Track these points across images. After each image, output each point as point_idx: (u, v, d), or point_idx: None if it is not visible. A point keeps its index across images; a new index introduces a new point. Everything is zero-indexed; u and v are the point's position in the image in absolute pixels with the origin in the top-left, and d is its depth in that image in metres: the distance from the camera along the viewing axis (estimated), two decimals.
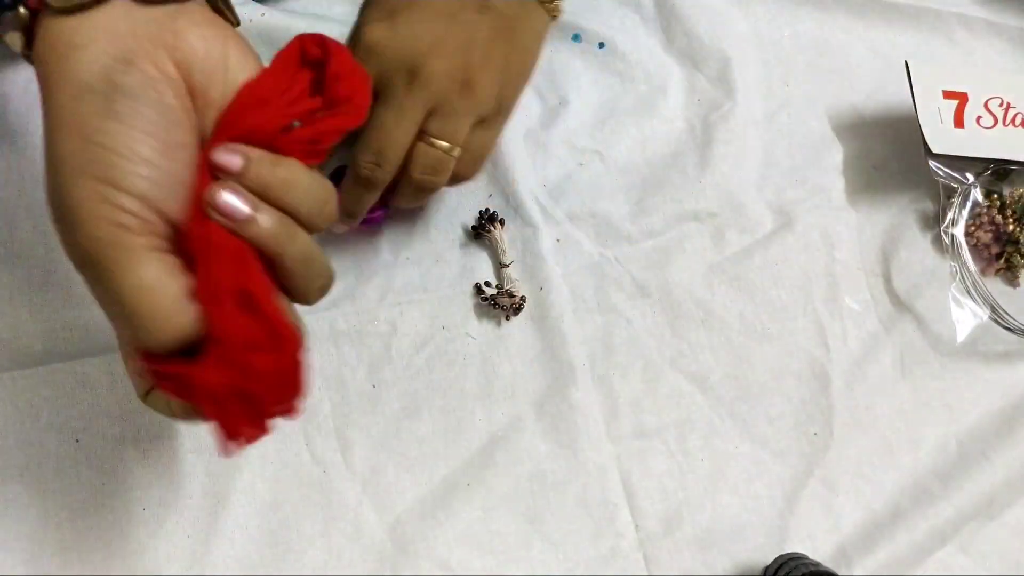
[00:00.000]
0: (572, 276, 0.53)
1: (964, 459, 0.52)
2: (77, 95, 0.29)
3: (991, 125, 0.56)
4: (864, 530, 0.50)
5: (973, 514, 0.51)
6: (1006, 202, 0.56)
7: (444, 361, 0.51)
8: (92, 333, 0.49)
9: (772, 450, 0.51)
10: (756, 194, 0.56)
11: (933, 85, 0.56)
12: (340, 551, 0.47)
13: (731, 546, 0.49)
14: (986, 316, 0.54)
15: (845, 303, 0.55)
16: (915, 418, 0.53)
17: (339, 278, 0.51)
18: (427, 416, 0.50)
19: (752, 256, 0.55)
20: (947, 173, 0.56)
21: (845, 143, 0.59)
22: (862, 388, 0.53)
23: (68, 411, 0.48)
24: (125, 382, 0.49)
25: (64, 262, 0.50)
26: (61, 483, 0.47)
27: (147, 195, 0.29)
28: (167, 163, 0.30)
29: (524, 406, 0.51)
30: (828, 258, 0.56)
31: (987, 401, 0.54)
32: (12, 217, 0.51)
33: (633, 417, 0.51)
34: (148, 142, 0.29)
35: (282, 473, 0.48)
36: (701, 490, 0.50)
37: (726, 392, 0.52)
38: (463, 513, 0.49)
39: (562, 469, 0.50)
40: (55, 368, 0.48)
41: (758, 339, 0.53)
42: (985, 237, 0.56)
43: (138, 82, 0.29)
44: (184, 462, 0.48)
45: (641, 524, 0.49)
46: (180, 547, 0.47)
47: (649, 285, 0.54)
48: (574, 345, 0.52)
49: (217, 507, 0.47)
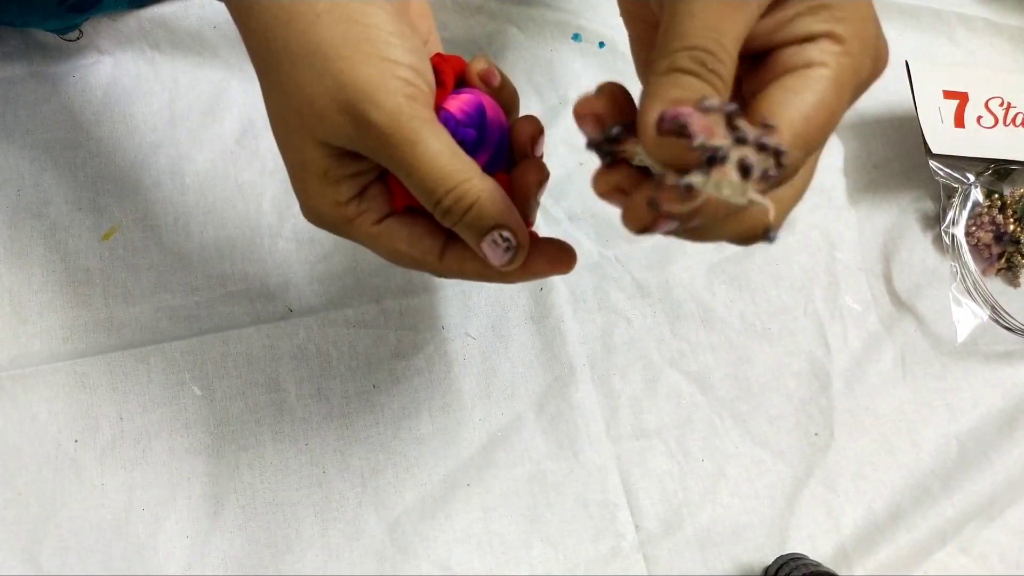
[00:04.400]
0: (572, 276, 0.53)
1: (965, 459, 0.52)
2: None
3: (992, 125, 0.56)
4: (864, 530, 0.50)
5: (974, 514, 0.51)
6: (1007, 202, 0.56)
7: (444, 361, 0.51)
8: (92, 333, 0.49)
9: (772, 450, 0.51)
10: None
11: (933, 85, 0.56)
12: (339, 551, 0.47)
13: (731, 546, 0.49)
14: (986, 316, 0.54)
15: (846, 303, 0.55)
16: (916, 418, 0.53)
17: (338, 278, 0.52)
18: (427, 416, 0.50)
19: (752, 256, 0.55)
20: (948, 173, 0.56)
21: (845, 143, 0.59)
22: (862, 388, 0.53)
23: (67, 411, 0.48)
24: (125, 382, 0.49)
25: (63, 262, 0.50)
26: (60, 483, 0.47)
27: (416, 66, 0.30)
28: (415, 40, 0.31)
29: (524, 406, 0.51)
30: (829, 258, 0.56)
31: (988, 401, 0.54)
32: (12, 217, 0.51)
33: (633, 417, 0.51)
34: (398, 19, 0.31)
35: (281, 473, 0.48)
36: (701, 490, 0.50)
37: (726, 392, 0.52)
38: (463, 513, 0.49)
39: (562, 469, 0.50)
40: (55, 368, 0.48)
41: (758, 339, 0.53)
42: (986, 237, 0.56)
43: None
44: (184, 462, 0.48)
45: (641, 524, 0.49)
46: (180, 547, 0.47)
47: (649, 285, 0.54)
48: (574, 345, 0.52)
49: (216, 508, 0.47)
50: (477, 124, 0.33)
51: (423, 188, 0.31)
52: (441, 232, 0.33)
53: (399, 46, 0.30)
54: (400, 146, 0.30)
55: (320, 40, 0.30)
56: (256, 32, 0.31)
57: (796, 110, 0.26)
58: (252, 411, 0.49)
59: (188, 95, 0.54)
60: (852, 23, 0.27)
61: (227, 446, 0.48)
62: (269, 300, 0.51)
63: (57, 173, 0.52)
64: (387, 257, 0.34)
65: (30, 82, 0.53)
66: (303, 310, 0.51)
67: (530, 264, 0.33)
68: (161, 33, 0.54)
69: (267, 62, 0.32)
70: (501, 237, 0.31)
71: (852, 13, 0.27)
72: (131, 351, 0.49)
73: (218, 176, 0.53)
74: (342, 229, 0.34)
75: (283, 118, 0.32)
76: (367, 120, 0.30)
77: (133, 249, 0.51)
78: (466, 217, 0.31)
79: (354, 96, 0.29)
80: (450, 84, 0.33)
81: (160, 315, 0.50)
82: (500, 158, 0.34)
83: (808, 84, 0.26)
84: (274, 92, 0.32)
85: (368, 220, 0.33)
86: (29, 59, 0.54)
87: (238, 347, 0.50)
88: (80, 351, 0.49)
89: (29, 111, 0.53)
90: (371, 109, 0.29)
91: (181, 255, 0.51)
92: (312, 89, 0.30)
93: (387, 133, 0.30)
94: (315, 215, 0.34)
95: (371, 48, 0.30)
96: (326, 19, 0.30)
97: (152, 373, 0.49)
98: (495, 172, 0.34)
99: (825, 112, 0.26)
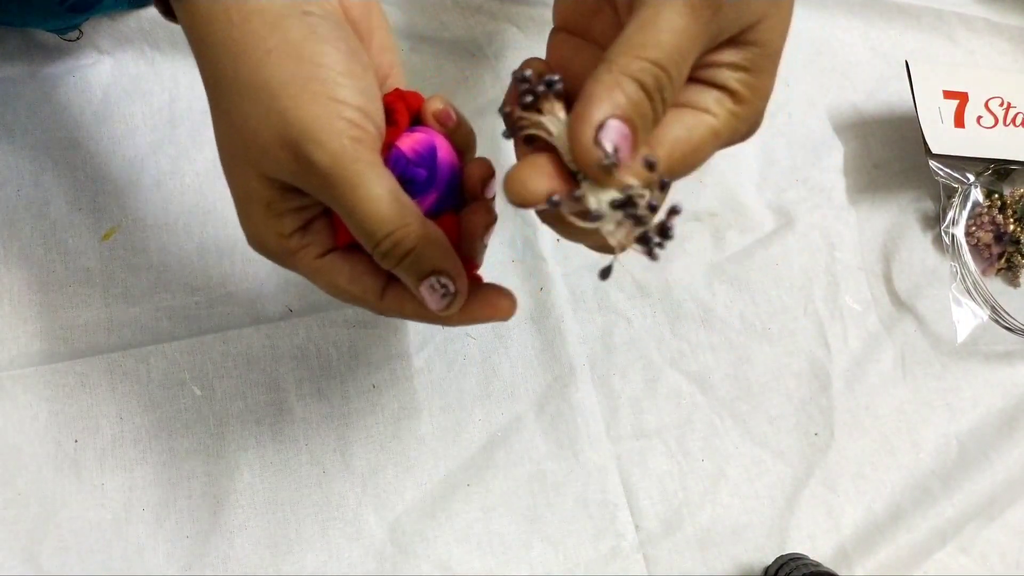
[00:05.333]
0: (572, 276, 0.53)
1: (965, 459, 0.52)
2: (275, 23, 0.30)
3: (991, 125, 0.56)
4: (864, 530, 0.50)
5: (974, 514, 0.51)
6: (1006, 202, 0.56)
7: (444, 361, 0.51)
8: (92, 333, 0.49)
9: (772, 450, 0.51)
10: (756, 194, 0.56)
11: (933, 85, 0.56)
12: (340, 551, 0.47)
13: (732, 546, 0.49)
14: (986, 316, 0.54)
15: (846, 303, 0.55)
16: (915, 418, 0.53)
17: None
18: (427, 416, 0.50)
19: (752, 256, 0.55)
20: (947, 173, 0.56)
21: (845, 142, 0.59)
22: (862, 388, 0.53)
23: (67, 411, 0.48)
24: (125, 382, 0.49)
25: (63, 262, 0.50)
26: (60, 483, 0.47)
27: (364, 108, 0.30)
28: (367, 80, 0.31)
29: (524, 406, 0.51)
30: (829, 258, 0.55)
31: (987, 401, 0.54)
32: (12, 217, 0.51)
33: (633, 417, 0.51)
34: (350, 59, 0.31)
35: (281, 473, 0.48)
36: (701, 490, 0.50)
37: (726, 392, 0.52)
38: (463, 513, 0.49)
39: (562, 469, 0.50)
40: (55, 368, 0.48)
41: (758, 339, 0.53)
42: (986, 237, 0.56)
43: (323, 8, 0.31)
44: (184, 462, 0.48)
45: (641, 524, 0.49)
46: (180, 547, 0.47)
47: (649, 285, 0.54)
48: (574, 345, 0.52)
49: (217, 507, 0.47)
50: (428, 164, 0.33)
51: (362, 230, 0.31)
52: (382, 272, 0.34)
53: (348, 86, 0.30)
54: (341, 187, 0.30)
55: (269, 77, 0.30)
56: (208, 61, 0.31)
57: (678, 145, 0.28)
58: (252, 411, 0.49)
59: (188, 95, 0.54)
60: (756, 92, 0.29)
61: (227, 446, 0.48)
62: (269, 300, 0.51)
63: (57, 173, 0.52)
64: (328, 291, 0.34)
65: (30, 82, 0.53)
66: (303, 310, 0.51)
67: (469, 309, 0.33)
68: (161, 33, 0.54)
69: (217, 91, 0.32)
70: (439, 283, 0.32)
71: (761, 85, 0.29)
72: (131, 351, 0.49)
73: (218, 176, 0.52)
74: (285, 261, 0.34)
75: (230, 148, 0.32)
76: (309, 160, 0.29)
77: (133, 249, 0.51)
78: (404, 262, 0.31)
79: (298, 135, 0.29)
80: (404, 123, 0.33)
81: (160, 315, 0.50)
82: (451, 198, 0.34)
83: (696, 126, 0.28)
84: (222, 121, 0.32)
85: (311, 254, 0.33)
86: (29, 59, 0.54)
87: (238, 347, 0.50)
88: (80, 351, 0.49)
89: (29, 111, 0.53)
90: (314, 149, 0.29)
91: (181, 255, 0.51)
92: (258, 123, 0.30)
93: (329, 174, 0.30)
94: (259, 245, 0.34)
95: (319, 87, 0.30)
96: (275, 56, 0.30)
97: (152, 373, 0.49)
98: (444, 211, 0.34)
99: (700, 155, 0.28)
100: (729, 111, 0.28)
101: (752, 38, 0.28)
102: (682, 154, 0.28)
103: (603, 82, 0.26)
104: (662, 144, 0.27)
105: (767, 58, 0.29)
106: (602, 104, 0.25)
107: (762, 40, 0.28)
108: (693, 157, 0.28)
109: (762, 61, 0.29)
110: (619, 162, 0.25)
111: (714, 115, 0.28)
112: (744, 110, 0.29)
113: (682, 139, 0.28)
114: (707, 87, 0.28)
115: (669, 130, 0.28)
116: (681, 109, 0.28)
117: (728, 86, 0.28)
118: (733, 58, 0.28)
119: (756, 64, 0.29)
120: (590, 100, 0.25)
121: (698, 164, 0.29)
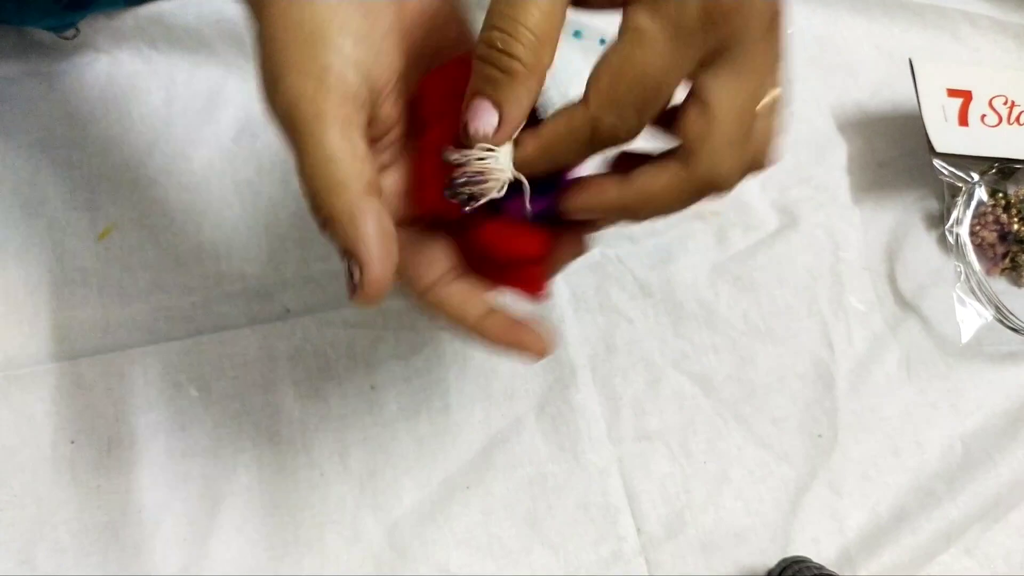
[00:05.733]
0: (573, 276, 0.53)
1: (969, 461, 0.52)
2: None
3: (996, 123, 0.56)
4: (869, 533, 0.50)
5: (978, 516, 0.51)
6: (1011, 201, 0.56)
7: (443, 362, 0.51)
8: (89, 333, 0.49)
9: (776, 452, 0.51)
10: (760, 193, 0.56)
11: (937, 83, 0.56)
12: (338, 555, 0.47)
13: (734, 549, 0.49)
14: (991, 316, 0.53)
15: (850, 303, 0.54)
16: (920, 419, 0.53)
17: (335, 278, 0.51)
18: (426, 418, 0.50)
19: (756, 255, 0.55)
20: (951, 172, 0.55)
21: (849, 141, 0.59)
22: (867, 389, 0.53)
23: (64, 412, 0.48)
24: (121, 383, 0.49)
25: (59, 261, 0.50)
26: (57, 484, 0.47)
27: (360, 61, 0.29)
28: (373, 34, 0.29)
29: (524, 408, 0.50)
30: (833, 257, 0.55)
31: (992, 402, 0.53)
32: (8, 216, 0.50)
33: (635, 419, 0.51)
34: (358, 15, 0.29)
35: (279, 476, 0.48)
36: (704, 493, 0.50)
37: (729, 393, 0.52)
38: (462, 516, 0.48)
39: (563, 472, 0.49)
40: (51, 368, 0.48)
41: (762, 340, 0.53)
42: (990, 236, 0.55)
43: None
44: (181, 464, 0.48)
45: (643, 527, 0.49)
46: (176, 550, 0.46)
47: (651, 285, 0.53)
48: (575, 346, 0.51)
49: (214, 510, 0.47)
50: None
51: (301, 190, 0.29)
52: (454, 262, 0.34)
53: (343, 36, 0.29)
54: (290, 138, 0.28)
55: (269, 20, 0.29)
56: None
57: (604, 73, 0.29)
58: (249, 412, 0.49)
59: (185, 93, 0.54)
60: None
61: (224, 448, 0.48)
62: (266, 300, 0.51)
63: (53, 172, 0.52)
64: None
65: (27, 80, 0.53)
66: (300, 310, 0.51)
67: (502, 334, 0.33)
68: (158, 31, 0.54)
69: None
70: (347, 267, 0.28)
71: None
72: (127, 352, 0.49)
73: (215, 175, 0.53)
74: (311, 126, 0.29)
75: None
76: (272, 102, 0.28)
77: (129, 248, 0.51)
78: (326, 232, 0.29)
79: (271, 69, 0.28)
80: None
81: (156, 315, 0.50)
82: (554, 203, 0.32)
83: (620, 46, 0.29)
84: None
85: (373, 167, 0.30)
86: (26, 57, 0.53)
87: (235, 348, 0.49)
88: (76, 352, 0.49)
89: (26, 109, 0.53)
90: (276, 83, 0.28)
91: (177, 255, 0.51)
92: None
93: (283, 121, 0.28)
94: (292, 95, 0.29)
95: (307, 28, 0.28)
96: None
97: (148, 374, 0.49)
98: (550, 214, 0.32)
99: (630, 72, 0.29)
100: (648, 14, 0.29)
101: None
102: (609, 77, 0.29)
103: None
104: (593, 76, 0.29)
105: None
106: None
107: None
108: (623, 79, 0.29)
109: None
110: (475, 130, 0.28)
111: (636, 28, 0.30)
112: (667, 8, 0.29)
113: (605, 65, 0.30)
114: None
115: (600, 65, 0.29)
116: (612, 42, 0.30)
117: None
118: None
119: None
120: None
121: (637, 84, 0.29)
